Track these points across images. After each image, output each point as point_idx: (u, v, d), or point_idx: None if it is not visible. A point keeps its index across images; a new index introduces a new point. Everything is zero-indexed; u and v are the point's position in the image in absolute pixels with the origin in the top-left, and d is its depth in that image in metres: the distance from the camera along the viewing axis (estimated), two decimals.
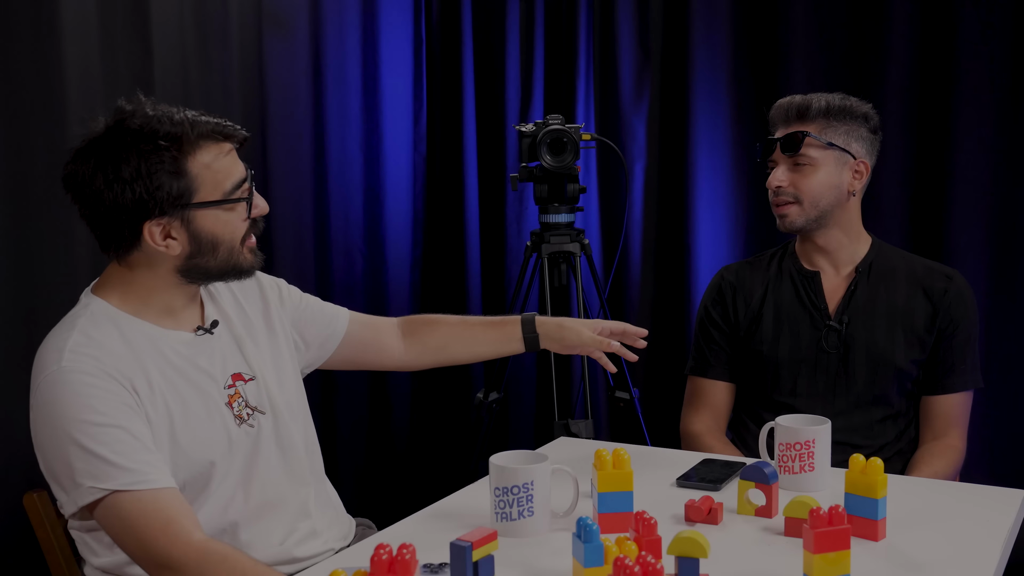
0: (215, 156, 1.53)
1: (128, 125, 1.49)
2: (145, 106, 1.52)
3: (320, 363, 1.89)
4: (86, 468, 1.43)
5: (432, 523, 1.63)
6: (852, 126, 2.11)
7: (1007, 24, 2.74)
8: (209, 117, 1.55)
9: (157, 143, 1.48)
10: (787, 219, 2.13)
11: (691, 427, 2.25)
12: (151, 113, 1.50)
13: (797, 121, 2.12)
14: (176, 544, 1.42)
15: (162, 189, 1.48)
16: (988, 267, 2.82)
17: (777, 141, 2.12)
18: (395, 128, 3.38)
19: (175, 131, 1.49)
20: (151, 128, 1.48)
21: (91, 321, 1.53)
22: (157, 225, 1.51)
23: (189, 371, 1.58)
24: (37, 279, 2.24)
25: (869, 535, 1.50)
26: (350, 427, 3.28)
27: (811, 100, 2.11)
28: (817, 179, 2.10)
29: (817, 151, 2.09)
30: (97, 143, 1.49)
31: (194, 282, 1.60)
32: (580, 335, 1.87)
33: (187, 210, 1.51)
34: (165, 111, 1.52)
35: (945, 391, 2.13)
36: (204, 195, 1.52)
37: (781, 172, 2.12)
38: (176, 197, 1.50)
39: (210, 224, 1.54)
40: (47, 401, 1.46)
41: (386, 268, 3.38)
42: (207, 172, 1.52)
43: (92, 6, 2.33)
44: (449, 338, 1.95)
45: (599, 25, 3.30)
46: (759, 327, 2.19)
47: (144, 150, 1.47)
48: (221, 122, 1.55)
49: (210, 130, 1.53)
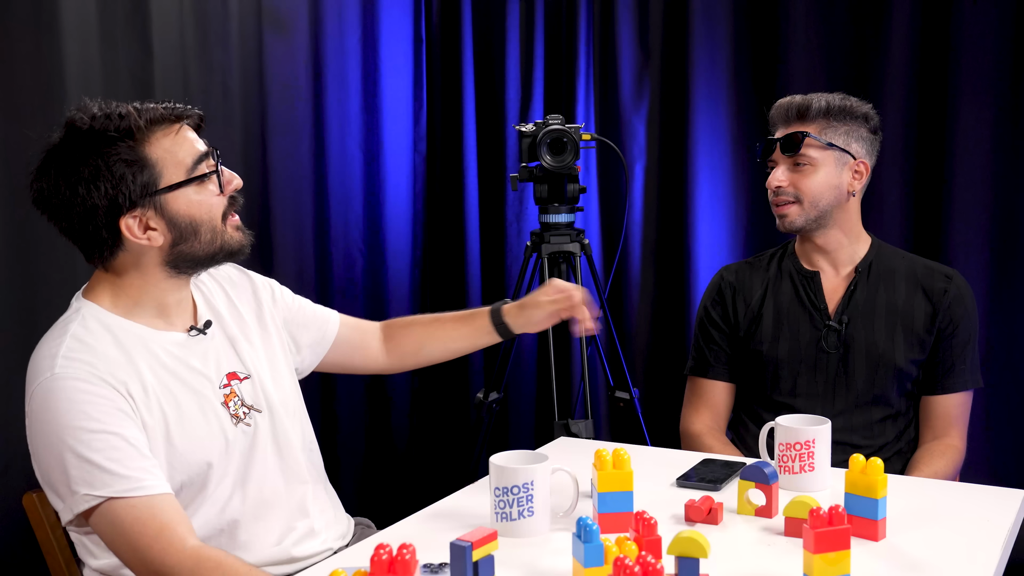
0: (171, 139, 1.53)
1: (79, 126, 1.49)
2: (91, 107, 1.52)
3: (311, 368, 1.89)
4: (81, 475, 1.43)
5: (432, 523, 1.63)
6: (852, 126, 2.11)
7: (1007, 24, 2.74)
8: (155, 104, 1.54)
9: (109, 137, 1.48)
10: (787, 219, 2.13)
11: (691, 427, 2.25)
12: (97, 112, 1.50)
13: (797, 121, 2.12)
14: (170, 551, 1.42)
15: (125, 181, 1.48)
16: (988, 267, 2.82)
17: (777, 141, 2.12)
18: (395, 128, 3.38)
19: (124, 123, 1.49)
20: (100, 125, 1.49)
21: (83, 326, 1.52)
22: (133, 219, 1.51)
23: (183, 372, 1.58)
24: (37, 279, 2.24)
25: (869, 535, 1.50)
26: (350, 427, 3.28)
27: (811, 100, 2.11)
28: (817, 179, 2.10)
29: (817, 151, 2.09)
30: (52, 153, 1.51)
31: (184, 272, 1.59)
32: (540, 307, 1.85)
33: (157, 196, 1.51)
34: (111, 108, 1.51)
35: (945, 391, 2.13)
36: (169, 178, 1.52)
37: (781, 172, 2.12)
38: (143, 187, 1.50)
39: (184, 206, 1.53)
40: (41, 409, 1.46)
41: (386, 268, 3.38)
42: (167, 155, 1.52)
43: (92, 6, 2.33)
44: (423, 338, 1.94)
45: (599, 25, 3.30)
46: (759, 327, 2.19)
47: (98, 147, 1.48)
48: (170, 105, 1.55)
49: (159, 115, 1.53)
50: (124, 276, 1.56)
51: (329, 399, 3.19)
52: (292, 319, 1.83)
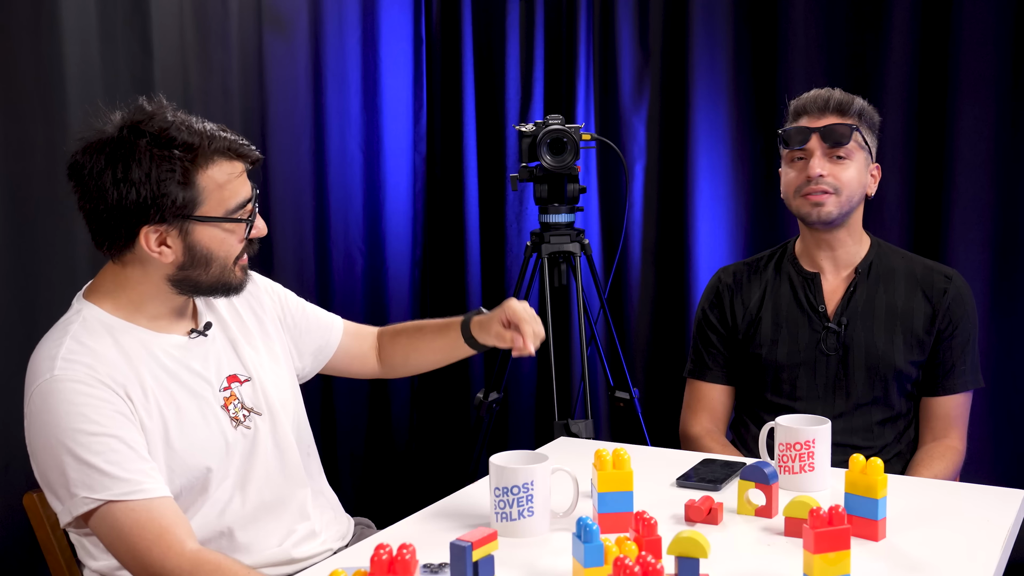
0: (226, 173, 1.53)
1: (146, 128, 1.48)
2: (166, 111, 1.51)
3: (312, 374, 1.89)
4: (80, 478, 1.43)
5: (432, 523, 1.63)
6: (872, 130, 2.13)
7: (1007, 24, 2.74)
8: (227, 134, 1.54)
9: (172, 150, 1.47)
10: (823, 208, 2.08)
11: (690, 430, 2.24)
12: (171, 119, 1.50)
13: (835, 114, 2.09)
14: (169, 555, 1.42)
15: (168, 197, 1.48)
16: (988, 267, 2.82)
17: (816, 131, 2.08)
18: (395, 128, 3.38)
19: (192, 141, 1.48)
20: (169, 135, 1.48)
21: (84, 328, 1.52)
22: (155, 231, 1.50)
23: (183, 374, 1.58)
24: (37, 279, 2.24)
25: (869, 535, 1.50)
26: (350, 427, 3.28)
27: (852, 97, 2.10)
28: (852, 173, 2.09)
29: (856, 146, 2.09)
30: (112, 140, 1.48)
31: (183, 293, 1.59)
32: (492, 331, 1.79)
33: (187, 221, 1.51)
34: (184, 119, 1.51)
35: (945, 392, 2.13)
36: (207, 210, 1.52)
37: (822, 161, 2.08)
38: (180, 207, 1.49)
39: (207, 239, 1.53)
40: (40, 411, 1.46)
41: (386, 268, 3.38)
42: (215, 188, 1.51)
43: (92, 6, 2.33)
44: (408, 350, 1.94)
45: (599, 25, 3.30)
46: (757, 330, 2.18)
47: (158, 155, 1.47)
48: (238, 140, 1.55)
49: (226, 147, 1.52)
50: (129, 274, 1.55)
51: (329, 399, 3.19)
52: (296, 325, 1.82)
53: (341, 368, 1.93)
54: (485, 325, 1.82)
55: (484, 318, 1.83)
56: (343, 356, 1.91)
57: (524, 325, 1.74)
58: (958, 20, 2.78)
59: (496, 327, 1.78)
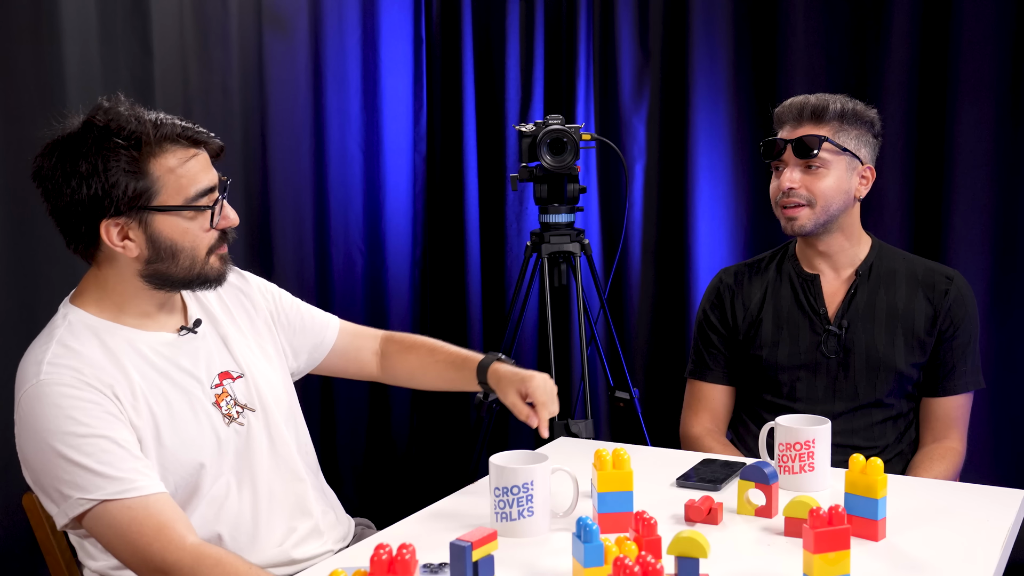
0: (181, 161, 1.51)
1: (95, 122, 1.48)
2: (119, 105, 1.51)
3: (305, 372, 1.89)
4: (73, 480, 1.43)
5: (432, 523, 1.63)
6: (861, 131, 2.09)
7: (1007, 24, 2.74)
8: (181, 121, 1.53)
9: (115, 141, 1.47)
10: (796, 222, 2.09)
11: (691, 430, 2.24)
12: (122, 112, 1.49)
13: (811, 122, 2.07)
14: (170, 549, 1.42)
15: (118, 187, 1.47)
16: (988, 267, 2.82)
17: (789, 143, 2.07)
18: (395, 128, 3.38)
19: (137, 130, 1.48)
20: (116, 125, 1.48)
21: (69, 331, 1.52)
22: (115, 225, 1.50)
23: (172, 372, 1.57)
24: (37, 279, 2.24)
25: (869, 535, 1.50)
26: (350, 427, 3.28)
27: (827, 102, 2.06)
28: (829, 183, 2.06)
29: (831, 155, 2.06)
30: (63, 139, 1.49)
31: (161, 289, 1.58)
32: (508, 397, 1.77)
33: (145, 212, 1.50)
34: (136, 112, 1.50)
35: (946, 393, 2.12)
36: (164, 199, 1.50)
37: (793, 173, 2.07)
38: (133, 198, 1.48)
39: (168, 230, 1.52)
40: (29, 415, 1.46)
41: (386, 268, 3.38)
42: (170, 176, 1.50)
43: (92, 6, 2.33)
44: (417, 369, 1.92)
45: (599, 25, 3.30)
46: (758, 332, 2.18)
47: (103, 147, 1.47)
48: (191, 127, 1.53)
49: (176, 133, 1.51)
50: (106, 275, 1.55)
51: (329, 399, 3.19)
52: (290, 323, 1.82)
53: (337, 368, 1.93)
54: (503, 384, 1.78)
55: (504, 373, 1.79)
56: (339, 356, 1.90)
57: (542, 409, 1.73)
58: (958, 20, 2.78)
59: (513, 396, 1.75)
